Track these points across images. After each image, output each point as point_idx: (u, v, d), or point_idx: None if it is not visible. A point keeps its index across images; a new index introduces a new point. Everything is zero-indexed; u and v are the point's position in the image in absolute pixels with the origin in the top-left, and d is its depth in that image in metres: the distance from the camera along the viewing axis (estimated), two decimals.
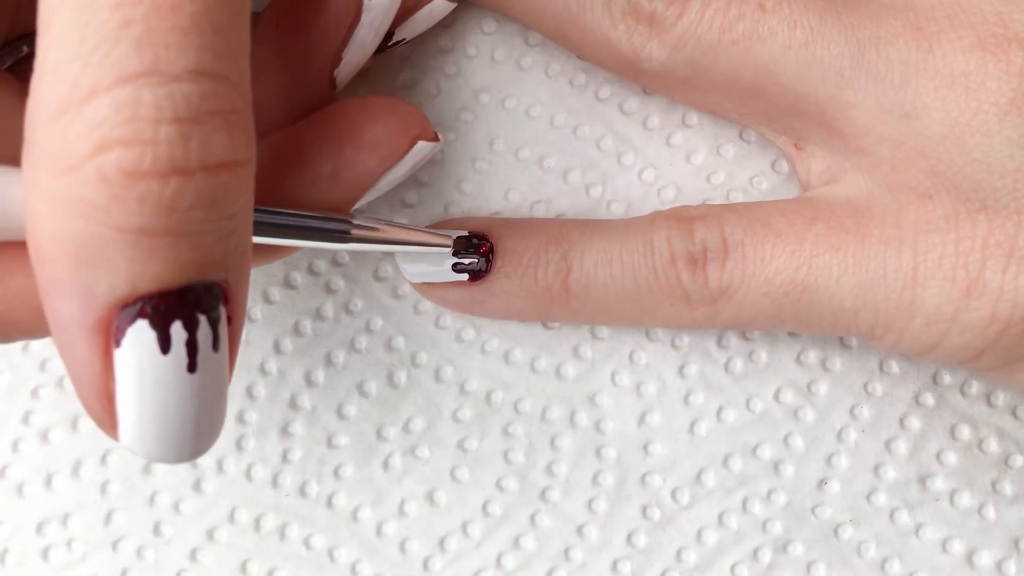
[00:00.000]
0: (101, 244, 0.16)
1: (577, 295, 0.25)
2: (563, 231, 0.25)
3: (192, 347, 0.18)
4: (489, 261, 0.25)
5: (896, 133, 0.23)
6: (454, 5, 0.25)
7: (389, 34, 0.25)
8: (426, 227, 0.26)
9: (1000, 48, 0.22)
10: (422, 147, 0.24)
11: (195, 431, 0.18)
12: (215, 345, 0.18)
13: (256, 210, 0.21)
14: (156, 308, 0.17)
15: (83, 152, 0.16)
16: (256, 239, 0.21)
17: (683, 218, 0.25)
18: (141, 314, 0.17)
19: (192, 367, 0.18)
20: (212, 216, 0.17)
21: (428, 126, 0.24)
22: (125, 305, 0.17)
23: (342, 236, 0.23)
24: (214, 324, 0.18)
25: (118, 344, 0.17)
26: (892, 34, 0.23)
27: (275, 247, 0.22)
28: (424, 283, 0.26)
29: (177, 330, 0.17)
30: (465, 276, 0.25)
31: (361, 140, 0.23)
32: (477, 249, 0.25)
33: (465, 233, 0.25)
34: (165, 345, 0.17)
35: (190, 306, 0.17)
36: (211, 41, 0.17)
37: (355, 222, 0.23)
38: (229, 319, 0.18)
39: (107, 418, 0.18)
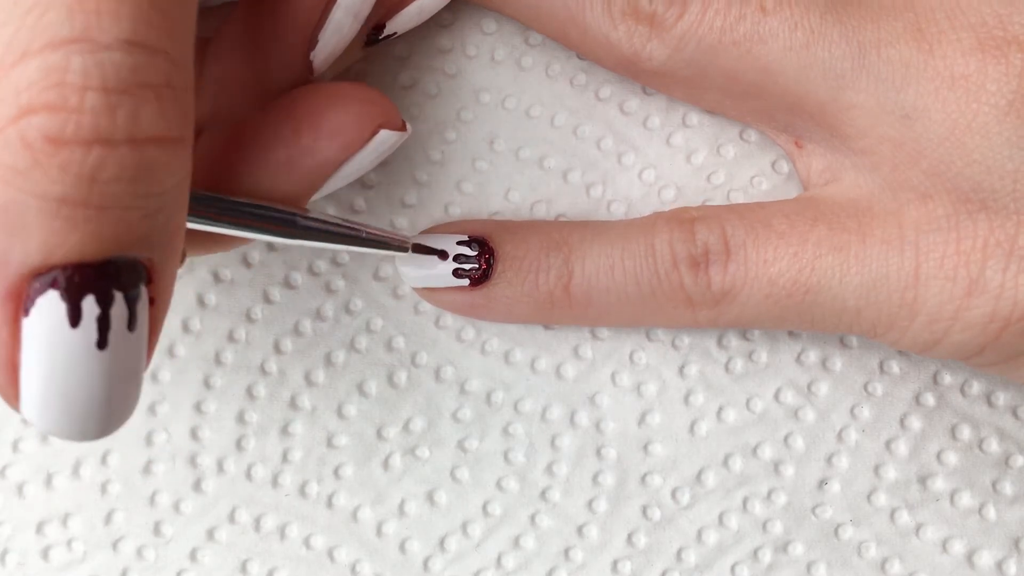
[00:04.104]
0: (19, 210, 0.16)
1: (579, 300, 0.25)
2: (563, 235, 0.25)
3: (104, 323, 0.17)
4: (490, 266, 0.25)
5: (897, 134, 0.23)
6: (446, 1, 0.25)
7: (380, 27, 0.24)
8: (424, 231, 0.26)
9: (999, 50, 0.22)
10: (386, 136, 0.23)
11: (101, 410, 0.18)
12: (131, 324, 0.17)
13: (199, 195, 0.21)
14: (70, 280, 0.17)
15: (7, 115, 0.16)
16: (198, 225, 0.21)
17: (684, 220, 0.25)
18: (53, 284, 0.17)
19: (102, 344, 0.17)
20: (137, 191, 0.17)
21: (395, 114, 0.23)
22: (38, 274, 0.17)
23: (289, 229, 0.22)
24: (131, 302, 0.17)
25: (27, 313, 0.17)
26: (893, 36, 0.23)
27: (221, 236, 0.22)
28: (425, 287, 0.26)
29: (89, 304, 0.17)
30: (466, 281, 0.25)
31: (320, 127, 0.22)
32: (477, 254, 0.25)
33: (463, 238, 0.25)
34: (75, 318, 0.17)
35: (106, 282, 0.17)
36: (147, 13, 0.16)
37: (304, 215, 0.22)
38: (152, 300, 0.18)
39: (11, 389, 0.17)
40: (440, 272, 0.25)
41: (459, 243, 0.25)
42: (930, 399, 0.26)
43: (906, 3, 0.23)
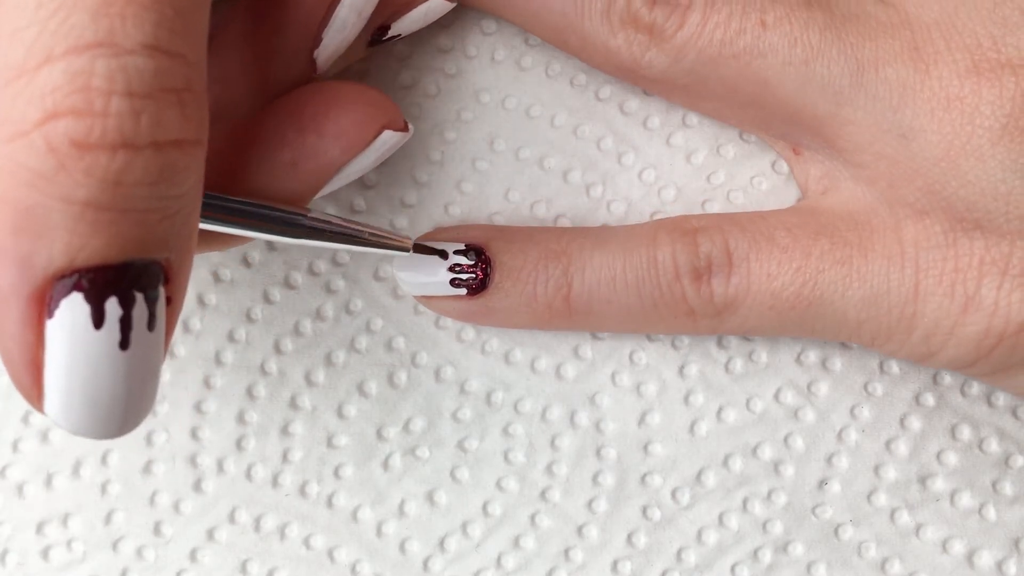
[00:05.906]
0: (44, 214, 0.16)
1: (579, 310, 0.25)
2: (562, 244, 0.25)
3: (126, 324, 0.17)
4: (487, 275, 0.25)
5: (893, 152, 0.23)
6: (452, 5, 0.25)
7: (384, 27, 0.24)
8: (422, 236, 0.26)
9: (994, 73, 0.22)
10: (388, 137, 0.23)
11: (123, 408, 0.18)
12: (150, 324, 0.18)
13: (207, 196, 0.21)
14: (92, 282, 0.17)
15: (32, 119, 0.16)
16: (205, 225, 0.21)
17: (686, 231, 0.24)
18: (77, 287, 0.17)
19: (125, 344, 0.18)
20: (158, 194, 0.17)
21: (397, 115, 0.23)
22: (62, 276, 0.17)
23: (294, 229, 0.22)
24: (151, 303, 0.18)
25: (51, 315, 0.17)
26: (890, 54, 0.23)
27: (224, 235, 0.22)
28: (423, 295, 0.26)
29: (112, 306, 0.17)
30: (463, 290, 0.25)
31: (324, 128, 0.22)
32: (474, 263, 0.25)
33: (460, 246, 0.25)
34: (98, 320, 0.17)
35: (128, 283, 0.17)
36: (169, 18, 0.16)
37: (309, 215, 0.22)
38: (169, 299, 0.18)
39: (34, 390, 0.18)
40: (437, 280, 0.25)
41: (456, 251, 0.25)
42: (930, 399, 0.26)
43: (903, 21, 0.23)
